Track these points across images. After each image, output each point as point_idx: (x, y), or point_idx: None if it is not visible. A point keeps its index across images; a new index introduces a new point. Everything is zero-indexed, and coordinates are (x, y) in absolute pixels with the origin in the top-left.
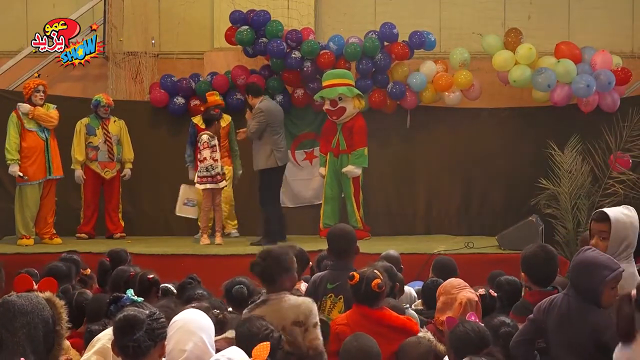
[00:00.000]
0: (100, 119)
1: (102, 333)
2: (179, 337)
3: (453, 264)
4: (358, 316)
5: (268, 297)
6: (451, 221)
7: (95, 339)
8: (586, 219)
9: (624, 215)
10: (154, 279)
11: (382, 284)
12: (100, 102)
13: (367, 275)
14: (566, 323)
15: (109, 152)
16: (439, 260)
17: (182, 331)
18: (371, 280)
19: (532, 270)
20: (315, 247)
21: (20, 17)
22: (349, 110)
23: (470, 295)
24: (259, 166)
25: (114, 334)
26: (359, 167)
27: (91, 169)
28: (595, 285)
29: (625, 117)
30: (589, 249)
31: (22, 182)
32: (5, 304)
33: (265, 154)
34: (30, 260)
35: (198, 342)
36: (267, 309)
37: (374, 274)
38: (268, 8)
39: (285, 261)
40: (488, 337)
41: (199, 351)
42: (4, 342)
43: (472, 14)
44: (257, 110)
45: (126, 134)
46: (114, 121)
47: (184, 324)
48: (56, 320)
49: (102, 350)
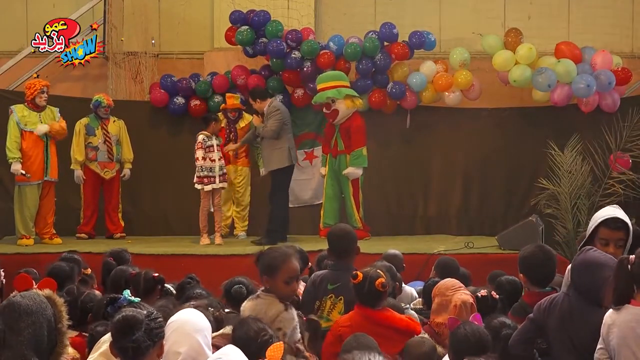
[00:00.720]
0: (99, 119)
1: (108, 335)
2: (175, 339)
3: (455, 264)
4: (361, 318)
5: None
6: (451, 221)
7: (102, 340)
8: (586, 219)
9: (627, 217)
10: (159, 277)
11: (385, 283)
12: (101, 102)
13: (370, 274)
14: (568, 323)
15: (109, 153)
16: (442, 260)
17: (177, 333)
18: (375, 280)
19: (530, 271)
20: (315, 247)
21: (20, 17)
22: (342, 112)
23: (465, 297)
24: (275, 165)
25: (112, 335)
26: (359, 167)
27: (91, 169)
28: (597, 285)
29: (625, 117)
30: (590, 249)
31: (23, 180)
32: (11, 305)
33: (282, 152)
34: (30, 260)
35: (194, 344)
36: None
37: (377, 273)
38: (268, 8)
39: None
40: (488, 341)
41: (194, 353)
42: (7, 342)
43: (472, 14)
44: (274, 109)
45: (125, 134)
46: (113, 121)
47: (180, 325)
48: (57, 318)
49: (107, 353)
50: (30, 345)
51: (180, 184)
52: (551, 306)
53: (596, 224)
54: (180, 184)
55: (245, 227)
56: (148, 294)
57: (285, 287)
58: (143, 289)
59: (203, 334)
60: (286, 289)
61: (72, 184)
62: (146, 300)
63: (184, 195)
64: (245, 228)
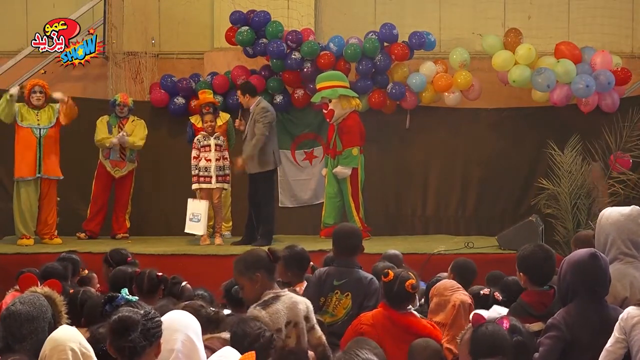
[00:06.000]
0: (118, 118)
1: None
2: (166, 338)
3: (472, 265)
4: (384, 318)
5: (277, 294)
6: (451, 221)
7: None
8: (586, 219)
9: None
10: (163, 277)
11: (416, 285)
12: (116, 100)
13: (401, 274)
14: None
15: (121, 152)
16: (458, 262)
17: (167, 332)
18: (405, 280)
19: (530, 270)
20: (315, 247)
21: (20, 17)
22: (337, 112)
23: (463, 298)
24: (259, 169)
25: (109, 334)
26: (348, 167)
27: (104, 165)
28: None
29: (625, 117)
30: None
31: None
32: (12, 315)
33: (266, 156)
34: (30, 260)
35: (185, 340)
36: (282, 305)
37: (408, 274)
38: (268, 8)
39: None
40: (503, 346)
41: (186, 350)
42: (10, 348)
43: (472, 14)
44: (263, 111)
45: (141, 128)
46: (132, 121)
47: (168, 325)
48: (57, 318)
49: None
50: (33, 350)
51: (181, 184)
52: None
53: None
54: (180, 184)
55: (229, 227)
56: (151, 293)
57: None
58: (146, 288)
59: (193, 331)
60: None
61: (73, 184)
62: (148, 299)
63: (184, 195)
64: (230, 228)
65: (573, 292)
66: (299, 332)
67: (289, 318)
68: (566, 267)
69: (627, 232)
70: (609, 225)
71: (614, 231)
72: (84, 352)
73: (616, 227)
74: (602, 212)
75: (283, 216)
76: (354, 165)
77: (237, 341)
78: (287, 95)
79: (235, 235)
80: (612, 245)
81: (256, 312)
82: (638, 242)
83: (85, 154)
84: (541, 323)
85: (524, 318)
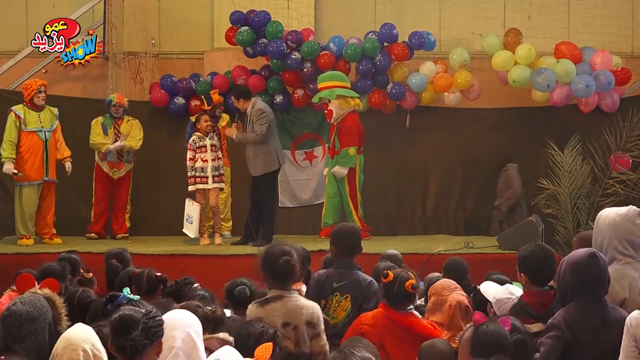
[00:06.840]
0: (113, 119)
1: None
2: (166, 336)
3: (464, 264)
4: (385, 319)
5: (281, 294)
6: (451, 221)
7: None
8: (586, 219)
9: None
10: (162, 277)
11: (416, 285)
12: (111, 100)
13: (401, 275)
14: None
15: (118, 153)
16: (449, 261)
17: (167, 330)
18: (405, 280)
19: (531, 270)
20: (315, 247)
21: (20, 17)
22: (336, 112)
23: (460, 298)
24: (263, 170)
25: (110, 333)
26: (345, 167)
27: (101, 167)
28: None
29: (625, 117)
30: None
31: (19, 180)
32: (12, 315)
33: (268, 156)
34: (30, 260)
35: (185, 338)
36: (282, 306)
37: (408, 274)
38: (268, 8)
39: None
40: (504, 345)
41: (187, 348)
42: (10, 349)
43: (472, 14)
44: (259, 112)
45: (137, 129)
46: (127, 121)
47: (169, 323)
48: (57, 320)
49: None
50: (33, 350)
51: (180, 184)
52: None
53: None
54: (180, 184)
55: (229, 227)
56: (150, 293)
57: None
58: (145, 288)
59: (193, 329)
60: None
61: (73, 184)
62: (148, 299)
63: (184, 196)
64: (230, 228)
65: (572, 292)
66: (298, 336)
67: (288, 320)
68: (565, 267)
69: (623, 232)
70: (606, 225)
71: (610, 231)
72: (95, 354)
73: (613, 228)
74: (600, 212)
75: (283, 216)
76: (351, 165)
77: (242, 342)
78: (287, 95)
79: (235, 235)
80: (609, 246)
81: (253, 308)
82: (635, 242)
83: (85, 154)
84: (541, 324)
85: (524, 318)
